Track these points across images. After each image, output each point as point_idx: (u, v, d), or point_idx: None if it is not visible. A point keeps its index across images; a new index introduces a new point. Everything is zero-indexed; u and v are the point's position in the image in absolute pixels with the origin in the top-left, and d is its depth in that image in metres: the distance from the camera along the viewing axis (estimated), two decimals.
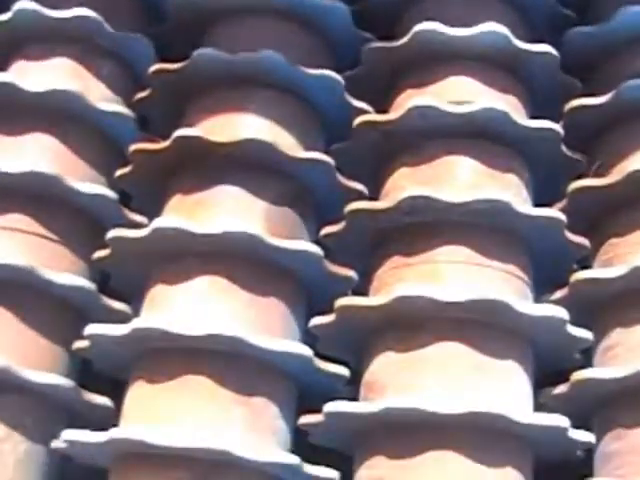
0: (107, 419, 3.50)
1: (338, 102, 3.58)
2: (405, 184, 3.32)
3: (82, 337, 3.45)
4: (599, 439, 3.21)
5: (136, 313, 3.49)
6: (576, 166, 3.52)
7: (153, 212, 3.61)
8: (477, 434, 2.91)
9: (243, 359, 3.07)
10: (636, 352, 3.17)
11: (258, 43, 3.55)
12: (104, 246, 3.51)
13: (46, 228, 3.52)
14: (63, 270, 3.51)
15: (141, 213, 3.68)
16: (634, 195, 3.38)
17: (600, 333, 3.34)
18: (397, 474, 2.90)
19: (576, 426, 3.34)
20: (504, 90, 3.50)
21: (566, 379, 3.24)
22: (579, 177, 3.52)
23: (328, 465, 3.18)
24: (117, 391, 3.48)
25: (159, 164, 3.42)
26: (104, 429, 3.27)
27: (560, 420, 2.87)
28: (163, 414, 3.00)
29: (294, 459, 2.91)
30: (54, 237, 3.53)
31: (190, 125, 3.49)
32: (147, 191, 3.58)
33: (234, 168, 3.32)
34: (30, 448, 3.33)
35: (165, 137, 3.56)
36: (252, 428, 3.02)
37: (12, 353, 3.35)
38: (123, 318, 3.54)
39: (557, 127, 3.31)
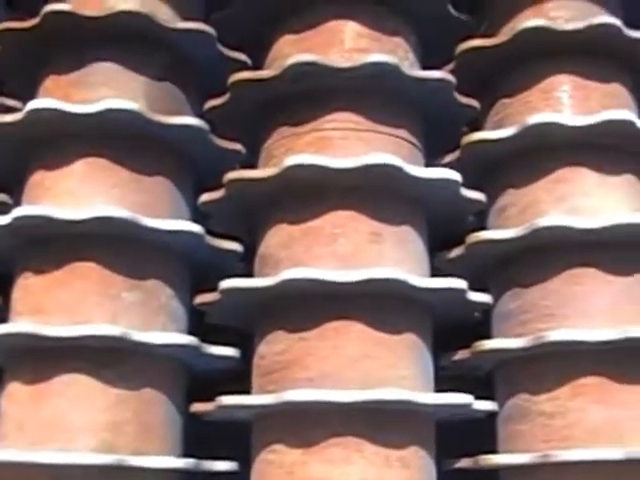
0: None
1: None
2: (290, 51, 3.21)
3: None
4: (496, 299, 3.25)
5: (17, 203, 3.34)
6: (464, 26, 3.44)
7: (27, 96, 3.42)
8: (375, 301, 2.91)
9: (132, 242, 2.98)
10: (528, 212, 3.18)
11: None
12: None
13: None
14: None
15: (14, 97, 3.49)
16: (524, 54, 3.34)
17: (493, 195, 3.34)
18: (298, 346, 2.89)
19: (473, 288, 3.38)
20: None
21: (460, 242, 3.26)
22: (468, 38, 3.46)
23: (228, 345, 3.15)
24: (7, 286, 3.35)
25: (29, 44, 3.22)
26: None
27: (457, 282, 2.88)
28: (53, 305, 2.91)
29: (192, 339, 2.87)
30: None
31: (60, 0, 3.28)
32: (19, 73, 3.37)
33: (109, 44, 3.15)
34: None
35: (33, 15, 3.35)
36: (146, 312, 2.95)
37: None
38: (4, 209, 3.39)
39: None
